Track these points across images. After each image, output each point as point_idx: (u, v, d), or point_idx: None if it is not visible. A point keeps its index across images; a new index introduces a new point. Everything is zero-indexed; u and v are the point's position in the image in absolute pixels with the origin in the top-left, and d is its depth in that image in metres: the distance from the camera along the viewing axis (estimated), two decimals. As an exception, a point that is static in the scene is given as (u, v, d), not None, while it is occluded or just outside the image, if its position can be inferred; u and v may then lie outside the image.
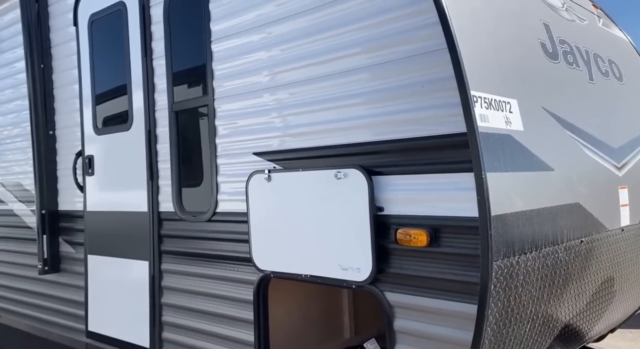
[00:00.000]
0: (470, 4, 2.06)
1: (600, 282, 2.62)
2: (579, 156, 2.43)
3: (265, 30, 2.42)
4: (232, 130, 2.58)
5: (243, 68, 2.52)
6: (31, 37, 3.68)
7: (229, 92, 2.58)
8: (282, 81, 2.35)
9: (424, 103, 1.95)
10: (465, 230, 1.85)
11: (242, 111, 2.53)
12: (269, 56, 2.41)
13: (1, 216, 4.20)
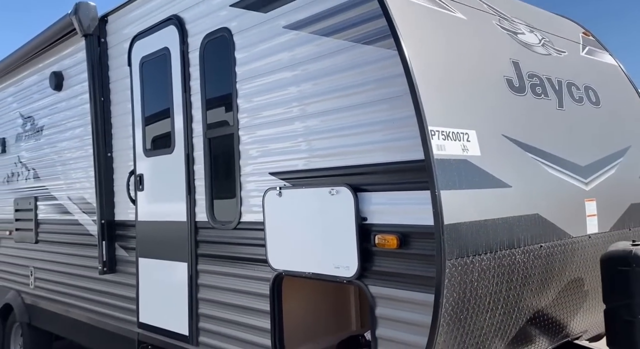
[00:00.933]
0: (433, 55, 2.56)
1: (567, 282, 3.03)
2: (541, 174, 2.87)
3: (276, 75, 2.99)
4: (252, 154, 3.15)
5: (260, 104, 3.09)
6: (94, 74, 4.38)
7: (250, 123, 3.16)
8: (288, 116, 2.91)
9: (395, 135, 2.45)
10: (426, 235, 2.34)
11: (260, 138, 3.09)
12: (278, 96, 2.98)
13: (68, 225, 4.93)
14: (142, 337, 4.05)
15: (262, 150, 3.09)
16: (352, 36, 2.62)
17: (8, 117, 6.16)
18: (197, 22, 3.54)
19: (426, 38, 2.58)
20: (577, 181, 3.12)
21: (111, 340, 4.39)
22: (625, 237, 3.33)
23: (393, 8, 2.45)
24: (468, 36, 2.89)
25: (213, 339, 3.44)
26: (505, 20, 3.31)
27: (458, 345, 2.46)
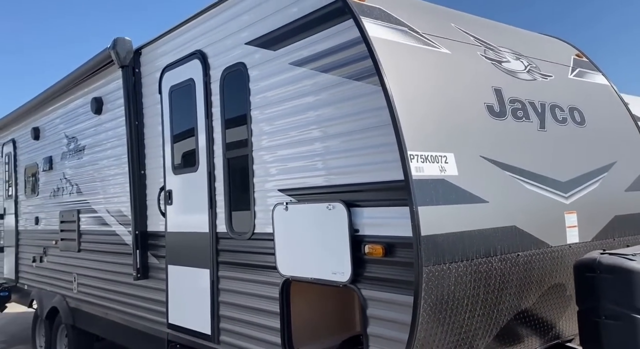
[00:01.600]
0: (414, 88, 2.94)
1: (548, 287, 3.34)
2: (519, 190, 3.20)
3: (283, 105, 3.41)
4: (264, 173, 3.57)
5: (269, 130, 3.52)
6: (129, 100, 4.90)
7: (261, 146, 3.59)
8: (292, 140, 3.33)
9: (382, 158, 2.83)
10: (406, 245, 2.71)
11: (270, 159, 3.52)
12: (284, 123, 3.40)
13: (107, 236, 5.45)
14: (171, 337, 4.51)
15: (272, 169, 3.51)
16: (346, 73, 3.02)
17: (55, 137, 6.77)
18: (217, 56, 4.00)
19: (409, 74, 2.96)
20: (556, 195, 3.43)
21: (144, 340, 4.87)
22: (609, 247, 3.62)
23: (378, 50, 2.85)
24: (450, 69, 3.25)
25: (232, 338, 3.86)
26: (490, 50, 3.66)
27: (439, 341, 2.81)
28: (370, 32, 2.91)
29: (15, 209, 8.18)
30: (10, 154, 8.34)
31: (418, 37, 3.21)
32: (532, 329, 3.49)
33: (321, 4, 3.15)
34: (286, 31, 3.41)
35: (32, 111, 7.41)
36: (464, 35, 3.61)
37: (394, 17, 3.19)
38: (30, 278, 7.57)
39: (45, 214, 7.11)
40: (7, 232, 8.58)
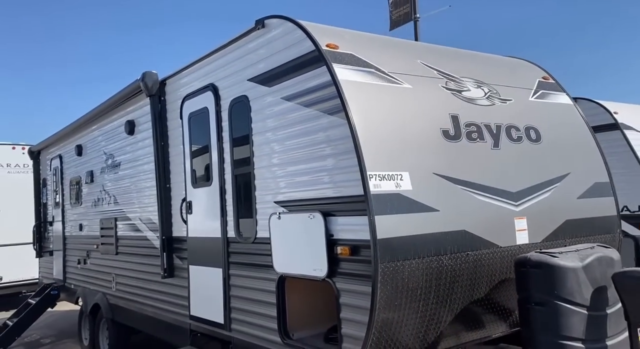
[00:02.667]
0: (376, 120, 3.62)
1: (499, 281, 3.97)
2: (469, 200, 3.85)
3: (276, 132, 4.15)
4: (263, 187, 4.31)
5: (266, 152, 4.26)
6: (156, 124, 5.72)
7: (260, 165, 4.33)
8: (283, 162, 4.07)
9: (349, 177, 3.53)
10: (366, 246, 3.40)
11: (267, 176, 4.26)
12: (277, 147, 4.14)
13: (139, 240, 6.30)
14: (193, 327, 5.29)
15: (269, 185, 4.25)
16: (322, 108, 3.73)
17: (95, 154, 7.69)
18: (226, 89, 4.77)
19: (371, 108, 3.66)
20: (507, 203, 4.07)
21: (170, 330, 5.67)
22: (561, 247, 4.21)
23: (345, 90, 3.56)
24: (410, 101, 3.93)
25: (240, 326, 4.61)
26: (452, 81, 4.32)
27: (396, 324, 3.49)
28: (339, 76, 3.63)
29: (62, 217, 9.17)
30: (58, 168, 9.34)
31: (383, 76, 3.91)
32: (488, 318, 4.13)
33: (302, 52, 3.88)
34: (278, 72, 4.15)
35: (76, 130, 8.36)
36: (428, 70, 4.28)
37: (363, 61, 3.89)
38: (76, 278, 8.52)
39: (87, 222, 8.04)
40: (55, 238, 9.58)
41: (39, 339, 9.47)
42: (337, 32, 4.19)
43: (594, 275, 3.53)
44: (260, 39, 4.36)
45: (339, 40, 3.92)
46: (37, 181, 10.44)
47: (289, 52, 4.03)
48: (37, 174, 10.48)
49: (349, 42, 4.00)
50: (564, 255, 3.58)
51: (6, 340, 8.62)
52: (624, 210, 7.36)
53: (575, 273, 3.45)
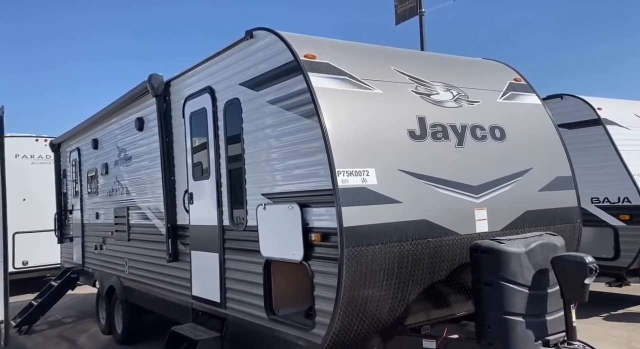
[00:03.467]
0: (346, 123, 4.11)
1: (459, 265, 4.45)
2: (431, 193, 4.33)
3: (262, 131, 4.67)
4: (252, 181, 4.84)
5: (254, 150, 4.78)
6: (161, 122, 6.28)
7: (250, 161, 4.86)
8: (267, 158, 4.59)
9: (321, 173, 4.04)
10: (335, 233, 3.91)
11: (256, 171, 4.78)
12: (263, 145, 4.65)
13: (148, 228, 6.89)
14: (195, 305, 5.87)
15: (257, 178, 4.78)
16: (300, 111, 4.23)
17: (110, 147, 8.30)
18: (221, 92, 5.30)
19: (342, 113, 4.15)
20: (468, 196, 4.54)
21: (175, 309, 6.27)
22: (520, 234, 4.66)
23: (319, 97, 4.05)
24: (380, 105, 4.41)
25: (234, 304, 5.16)
26: (422, 86, 4.79)
27: (362, 301, 4.00)
28: (314, 83, 4.12)
29: (80, 206, 9.84)
30: (76, 160, 9.99)
31: (356, 83, 4.39)
32: (452, 298, 4.62)
33: (284, 61, 4.38)
34: (264, 78, 4.66)
35: (92, 125, 8.98)
36: (400, 76, 4.75)
37: (338, 69, 4.38)
38: (93, 262, 9.20)
39: (103, 210, 8.68)
40: (75, 225, 10.26)
41: (61, 319, 10.19)
42: (317, 42, 4.68)
43: (537, 259, 4.00)
44: (249, 48, 4.87)
45: (317, 51, 4.41)
46: (57, 172, 11.13)
47: (273, 61, 4.53)
48: (58, 165, 11.17)
49: (326, 52, 4.48)
50: (511, 242, 4.05)
51: (31, 318, 9.36)
52: (604, 201, 7.75)
53: (518, 257, 3.93)
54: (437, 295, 4.52)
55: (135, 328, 7.87)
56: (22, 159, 12.90)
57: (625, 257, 7.53)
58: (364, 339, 4.28)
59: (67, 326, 9.62)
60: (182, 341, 5.55)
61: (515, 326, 3.88)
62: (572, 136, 8.14)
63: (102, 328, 8.80)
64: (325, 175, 3.97)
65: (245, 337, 5.05)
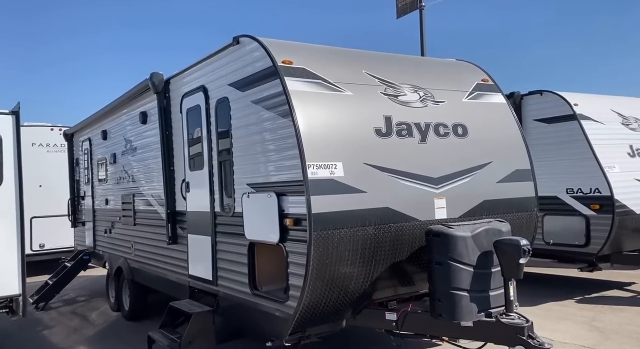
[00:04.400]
0: (317, 122, 4.67)
1: (418, 247, 5.01)
2: (393, 184, 4.89)
3: (247, 128, 5.25)
4: (239, 172, 5.43)
5: (240, 144, 5.37)
6: (162, 116, 6.89)
7: (237, 154, 5.45)
8: (251, 152, 5.18)
9: (292, 166, 4.62)
10: (305, 219, 4.49)
11: (242, 163, 5.38)
12: (247, 139, 5.24)
13: (151, 213, 7.53)
14: (191, 283, 6.51)
15: (242, 171, 5.37)
16: (277, 111, 4.81)
17: (117, 138, 8.94)
18: (213, 91, 5.88)
19: (314, 113, 4.71)
20: (428, 187, 5.09)
21: (174, 287, 6.92)
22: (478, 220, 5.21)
23: (293, 99, 4.62)
24: (350, 106, 4.96)
25: (224, 282, 5.79)
26: (391, 87, 5.33)
27: (329, 278, 4.59)
28: (289, 87, 4.69)
29: (92, 193, 10.52)
30: (88, 149, 10.66)
31: (328, 86, 4.94)
32: (416, 277, 5.20)
33: (264, 66, 4.95)
34: (249, 80, 5.23)
35: (102, 117, 9.63)
36: (371, 79, 5.29)
37: (312, 73, 4.93)
38: (103, 245, 9.89)
39: (112, 197, 9.35)
40: (86, 210, 10.96)
41: (75, 298, 10.93)
42: (296, 48, 5.23)
43: (481, 242, 4.56)
44: (236, 52, 5.44)
45: (294, 56, 4.96)
46: (71, 160, 11.83)
47: (256, 65, 5.10)
48: (71, 154, 11.86)
49: (303, 58, 5.03)
50: (459, 227, 4.62)
51: (47, 296, 10.11)
52: (578, 192, 8.26)
53: (464, 240, 4.49)
54: (401, 274, 5.10)
55: (141, 305, 8.54)
56: (38, 147, 13.56)
57: (595, 244, 8.03)
58: (335, 311, 4.89)
59: (80, 304, 10.35)
60: (180, 315, 6.21)
61: (461, 300, 4.46)
62: (550, 131, 8.67)
63: (112, 306, 9.51)
64: (297, 168, 4.54)
65: (233, 310, 5.68)
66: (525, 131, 8.97)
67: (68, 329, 8.42)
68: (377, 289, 5.07)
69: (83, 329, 8.39)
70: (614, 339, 6.49)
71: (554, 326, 7.11)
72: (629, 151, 8.49)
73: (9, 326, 8.54)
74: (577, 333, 6.77)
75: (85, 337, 7.90)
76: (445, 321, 4.60)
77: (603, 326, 7.05)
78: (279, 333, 4.90)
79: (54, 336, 8.04)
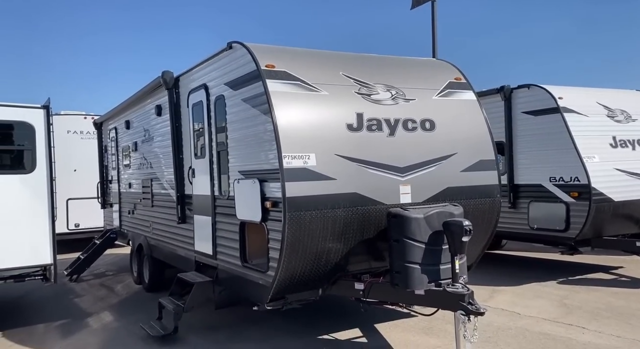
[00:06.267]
0: (293, 118, 5.43)
1: (384, 228, 5.73)
2: (362, 172, 5.62)
3: (240, 123, 6.05)
4: (233, 160, 6.25)
5: (235, 136, 6.18)
6: (172, 110, 7.75)
7: (232, 145, 6.26)
8: (242, 144, 5.98)
9: (271, 157, 5.40)
10: (281, 202, 5.27)
11: (235, 153, 6.19)
12: (238, 132, 6.05)
13: (165, 196, 8.45)
14: (197, 258, 7.40)
15: (235, 159, 6.19)
16: (260, 109, 5.58)
17: (138, 128, 9.87)
18: (212, 89, 6.70)
19: (291, 111, 5.45)
20: (394, 175, 5.80)
21: (183, 261, 7.83)
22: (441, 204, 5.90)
23: (273, 98, 5.38)
24: (325, 104, 5.69)
25: (221, 256, 6.64)
26: (365, 87, 6.03)
27: (302, 252, 5.37)
28: (270, 88, 5.45)
29: (117, 177, 11.54)
30: (114, 137, 11.65)
31: (306, 87, 5.69)
32: (384, 254, 5.94)
33: (250, 69, 5.72)
34: (240, 81, 6.01)
35: (125, 108, 10.58)
36: (346, 79, 6.00)
37: (292, 76, 5.68)
38: (127, 224, 10.91)
39: (134, 181, 10.32)
40: (113, 193, 12.00)
41: (104, 272, 12.03)
42: (279, 52, 5.99)
43: (433, 223, 5.27)
44: (229, 56, 6.23)
45: (277, 61, 5.72)
46: (100, 147, 12.88)
47: (244, 68, 5.88)
48: (100, 141, 12.91)
49: (285, 61, 5.78)
50: (414, 210, 5.34)
51: (79, 269, 11.23)
52: (560, 181, 8.81)
53: (417, 221, 5.22)
54: (371, 250, 5.85)
55: (159, 278, 9.50)
56: (73, 134, 14.68)
57: (574, 229, 8.59)
58: (310, 280, 5.68)
59: (108, 278, 11.43)
60: (186, 285, 7.11)
61: (414, 272, 5.20)
62: (536, 122, 9.21)
63: (134, 279, 10.53)
64: (275, 158, 5.32)
65: (229, 280, 6.54)
66: (514, 123, 9.59)
67: (95, 298, 9.47)
68: (350, 263, 5.84)
69: (108, 298, 9.42)
70: (575, 314, 7.12)
71: (528, 302, 7.78)
72: (611, 142, 8.98)
73: (46, 293, 9.67)
74: (545, 309, 7.42)
75: (109, 304, 8.92)
76: (402, 290, 5.34)
77: (571, 303, 7.67)
78: (261, 299, 5.73)
79: (83, 303, 9.09)
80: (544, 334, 6.38)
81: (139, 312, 8.18)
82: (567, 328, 6.59)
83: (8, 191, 7.40)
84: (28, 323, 7.87)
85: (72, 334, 7.25)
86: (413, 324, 6.84)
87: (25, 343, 6.90)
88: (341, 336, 6.56)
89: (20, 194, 7.45)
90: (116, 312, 8.42)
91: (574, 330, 6.50)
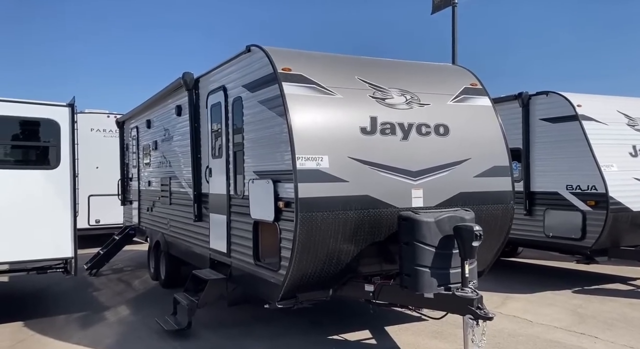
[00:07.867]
0: (307, 121, 5.52)
1: (395, 231, 5.79)
2: (374, 175, 5.69)
3: (256, 124, 6.17)
4: (249, 160, 6.37)
5: (251, 137, 6.30)
6: (191, 110, 7.91)
7: (248, 145, 6.38)
8: (257, 144, 6.10)
9: (286, 158, 5.50)
10: (293, 202, 5.37)
11: (251, 154, 6.31)
12: (253, 134, 6.16)
13: (183, 194, 8.61)
14: (212, 255, 7.53)
15: (251, 160, 6.30)
16: (276, 111, 5.69)
17: (158, 128, 10.07)
18: (231, 91, 6.83)
19: (306, 113, 5.55)
20: (406, 179, 5.86)
21: (199, 258, 7.97)
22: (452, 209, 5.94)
23: (288, 101, 5.48)
24: (339, 107, 5.77)
25: (235, 254, 6.76)
26: (379, 91, 6.10)
27: (313, 251, 5.45)
28: (286, 91, 5.55)
29: (137, 175, 11.76)
30: (135, 136, 11.89)
31: (321, 90, 5.78)
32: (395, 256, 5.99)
33: (267, 72, 5.83)
34: (257, 83, 6.13)
35: (146, 108, 10.79)
36: (361, 83, 6.08)
37: (308, 79, 5.78)
38: (146, 221, 11.12)
39: (154, 179, 10.52)
40: (133, 191, 12.23)
41: (122, 268, 12.27)
42: (297, 56, 6.09)
43: (444, 227, 5.31)
44: (247, 59, 6.35)
45: (293, 64, 5.82)
46: (121, 145, 13.14)
47: (262, 71, 5.99)
48: (122, 139, 13.17)
49: (302, 65, 5.88)
50: (425, 213, 5.39)
51: (99, 264, 11.48)
52: (577, 189, 8.76)
53: (428, 224, 5.26)
54: (382, 252, 5.91)
55: (175, 274, 9.66)
56: (96, 132, 14.97)
57: (590, 238, 8.53)
58: (321, 280, 5.76)
59: (126, 273, 11.65)
60: (200, 281, 7.25)
61: (423, 275, 5.25)
62: (554, 130, 9.18)
63: (151, 275, 10.72)
64: (289, 159, 5.42)
65: (242, 278, 6.66)
66: (532, 130, 9.55)
67: (113, 292, 9.67)
68: (361, 265, 5.91)
69: (125, 293, 9.62)
70: (588, 323, 7.08)
71: (540, 310, 7.75)
72: (631, 150, 8.90)
73: (66, 286, 9.91)
74: (557, 317, 7.39)
75: (126, 299, 9.11)
76: (411, 293, 5.39)
77: (584, 312, 7.62)
78: (273, 297, 5.83)
79: (101, 297, 9.30)
80: (555, 342, 6.36)
81: (154, 307, 8.34)
82: (579, 336, 6.56)
83: (33, 185, 7.62)
84: (49, 314, 8.09)
85: (90, 326, 7.44)
86: (423, 327, 6.87)
87: (45, 333, 7.10)
88: (351, 336, 6.63)
89: (45, 189, 7.66)
90: (133, 306, 8.60)
91: (586, 339, 6.47)
